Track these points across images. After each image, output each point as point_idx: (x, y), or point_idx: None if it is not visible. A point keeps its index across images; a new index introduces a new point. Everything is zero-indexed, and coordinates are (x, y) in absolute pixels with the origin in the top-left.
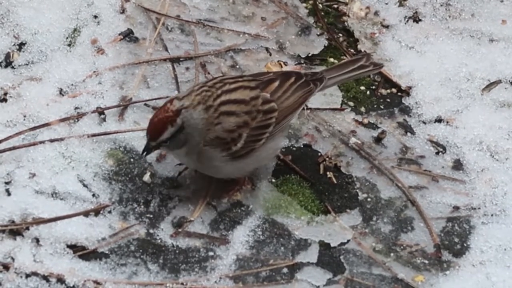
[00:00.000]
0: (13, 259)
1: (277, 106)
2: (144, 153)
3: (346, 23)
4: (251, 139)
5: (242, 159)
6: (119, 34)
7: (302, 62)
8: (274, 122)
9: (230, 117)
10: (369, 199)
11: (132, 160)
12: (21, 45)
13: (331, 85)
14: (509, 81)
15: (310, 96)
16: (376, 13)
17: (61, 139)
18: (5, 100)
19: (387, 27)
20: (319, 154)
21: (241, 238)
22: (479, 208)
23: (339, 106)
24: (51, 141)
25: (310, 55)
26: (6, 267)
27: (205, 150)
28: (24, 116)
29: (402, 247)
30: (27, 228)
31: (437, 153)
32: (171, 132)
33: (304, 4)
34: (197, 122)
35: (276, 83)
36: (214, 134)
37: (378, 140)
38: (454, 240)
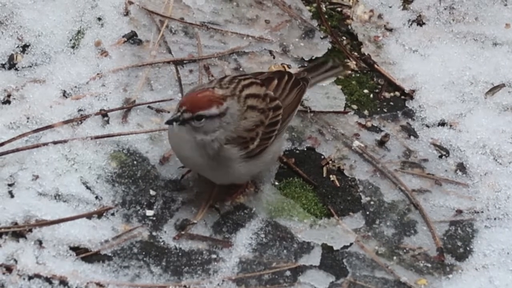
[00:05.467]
0: (16, 261)
1: (281, 103)
2: (173, 123)
3: (349, 26)
4: (264, 137)
5: (253, 160)
6: (123, 37)
7: (306, 65)
8: (280, 119)
9: (253, 112)
10: (372, 202)
11: (135, 162)
12: (24, 47)
13: (312, 84)
14: None
15: (303, 94)
16: (379, 17)
17: (65, 141)
18: (8, 102)
19: (390, 30)
20: (322, 157)
21: (244, 241)
22: (482, 212)
23: (342, 109)
24: (55, 143)
25: (313, 58)
26: (9, 269)
27: (225, 149)
28: (28, 118)
29: (405, 251)
30: (30, 230)
31: (440, 156)
32: (213, 113)
33: (308, 7)
34: (235, 113)
35: (276, 81)
36: (236, 134)
37: (381, 143)
38: (457, 243)
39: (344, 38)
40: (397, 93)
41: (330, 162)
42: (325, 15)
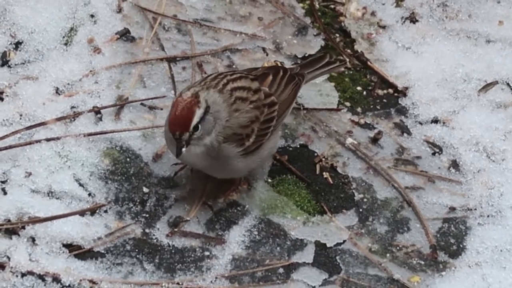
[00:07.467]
0: (9, 258)
1: (276, 99)
2: (182, 151)
3: (343, 24)
4: (260, 133)
5: (250, 156)
6: (116, 34)
7: (299, 62)
8: (276, 115)
9: (244, 103)
10: (365, 200)
11: (128, 159)
12: (17, 44)
13: (308, 80)
14: (506, 82)
15: (298, 90)
16: (373, 14)
17: (57, 138)
18: (1, 99)
19: (384, 27)
20: (316, 154)
21: (237, 238)
22: (475, 209)
23: (335, 106)
24: (47, 140)
25: (306, 55)
26: (2, 266)
27: (224, 147)
28: (21, 115)
29: (398, 248)
30: (23, 227)
31: (434, 153)
32: (200, 114)
33: (301, 4)
34: (217, 99)
35: (270, 77)
36: (231, 131)
37: (374, 140)
38: (450, 241)
39: (337, 35)
40: (390, 90)
41: (323, 159)
42: (318, 12)
